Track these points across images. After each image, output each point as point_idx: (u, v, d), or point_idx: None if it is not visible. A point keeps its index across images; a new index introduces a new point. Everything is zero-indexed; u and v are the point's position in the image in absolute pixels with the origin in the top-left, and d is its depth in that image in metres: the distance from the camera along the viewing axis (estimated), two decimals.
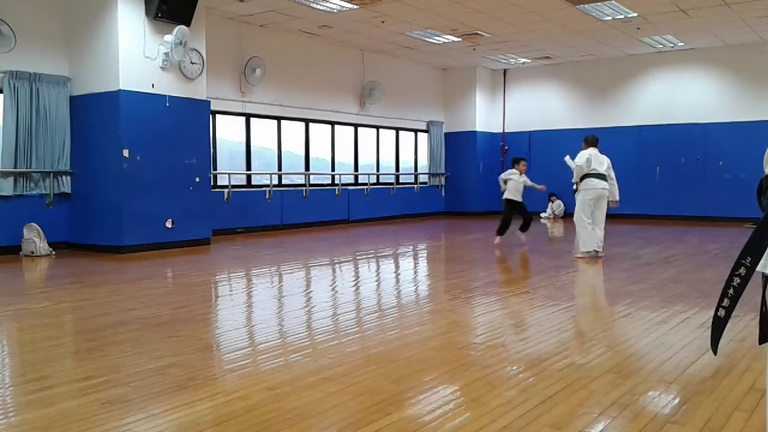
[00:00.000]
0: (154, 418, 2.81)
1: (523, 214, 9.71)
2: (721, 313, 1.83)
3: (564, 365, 3.54)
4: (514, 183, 9.72)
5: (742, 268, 1.82)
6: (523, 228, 9.72)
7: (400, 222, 14.61)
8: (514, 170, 9.81)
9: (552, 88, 16.11)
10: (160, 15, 8.81)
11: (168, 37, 8.93)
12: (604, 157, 8.40)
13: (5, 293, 6.04)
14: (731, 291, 1.82)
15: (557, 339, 4.16)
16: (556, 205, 15.49)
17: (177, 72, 9.35)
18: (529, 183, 9.78)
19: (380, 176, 15.04)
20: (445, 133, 16.75)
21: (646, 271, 7.21)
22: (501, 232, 9.70)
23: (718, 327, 1.81)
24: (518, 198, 9.70)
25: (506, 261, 8.56)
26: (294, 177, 13.02)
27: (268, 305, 5.67)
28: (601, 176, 8.24)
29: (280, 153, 12.61)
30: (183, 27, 8.92)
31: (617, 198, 8.52)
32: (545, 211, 15.59)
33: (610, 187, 8.35)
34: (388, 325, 4.74)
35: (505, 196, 9.78)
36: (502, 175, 10.03)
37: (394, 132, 15.49)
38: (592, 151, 8.35)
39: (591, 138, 8.53)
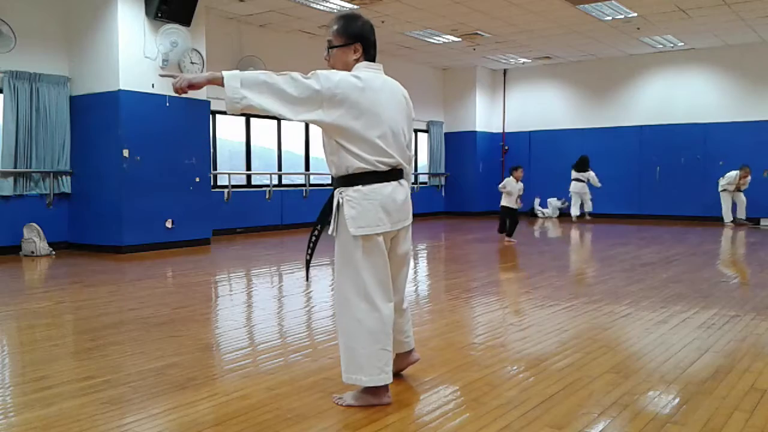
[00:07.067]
0: (154, 418, 2.81)
1: (514, 218, 10.01)
2: (308, 258, 3.06)
3: (564, 365, 3.54)
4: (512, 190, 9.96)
5: (315, 232, 2.97)
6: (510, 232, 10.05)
7: None
8: (510, 178, 10.05)
9: (552, 88, 16.11)
10: (160, 15, 8.81)
11: (165, 38, 8.93)
12: None
13: (5, 293, 6.04)
14: (311, 245, 3.01)
15: (557, 339, 4.15)
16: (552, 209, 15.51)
17: (177, 72, 9.33)
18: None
19: None
20: (445, 133, 16.75)
21: (646, 271, 7.21)
22: (509, 233, 10.04)
23: (307, 266, 3.10)
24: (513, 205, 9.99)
25: (506, 261, 8.56)
26: (294, 177, 13.02)
27: (268, 305, 5.67)
28: None
29: (280, 153, 12.61)
30: (174, 26, 8.88)
31: None
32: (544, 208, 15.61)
33: None
34: None
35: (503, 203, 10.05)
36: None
37: None
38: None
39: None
